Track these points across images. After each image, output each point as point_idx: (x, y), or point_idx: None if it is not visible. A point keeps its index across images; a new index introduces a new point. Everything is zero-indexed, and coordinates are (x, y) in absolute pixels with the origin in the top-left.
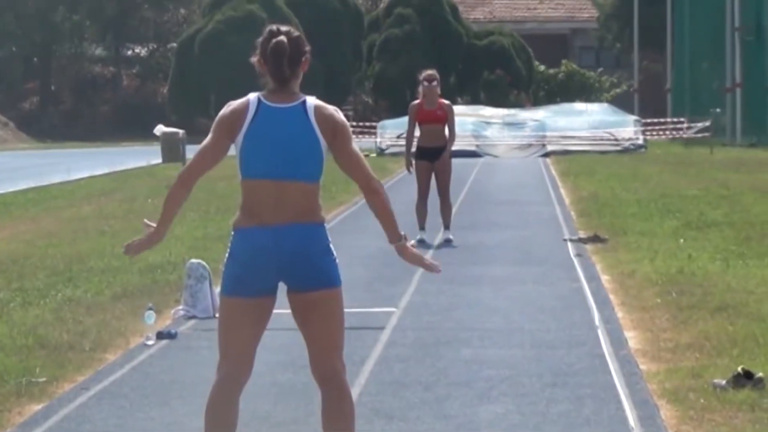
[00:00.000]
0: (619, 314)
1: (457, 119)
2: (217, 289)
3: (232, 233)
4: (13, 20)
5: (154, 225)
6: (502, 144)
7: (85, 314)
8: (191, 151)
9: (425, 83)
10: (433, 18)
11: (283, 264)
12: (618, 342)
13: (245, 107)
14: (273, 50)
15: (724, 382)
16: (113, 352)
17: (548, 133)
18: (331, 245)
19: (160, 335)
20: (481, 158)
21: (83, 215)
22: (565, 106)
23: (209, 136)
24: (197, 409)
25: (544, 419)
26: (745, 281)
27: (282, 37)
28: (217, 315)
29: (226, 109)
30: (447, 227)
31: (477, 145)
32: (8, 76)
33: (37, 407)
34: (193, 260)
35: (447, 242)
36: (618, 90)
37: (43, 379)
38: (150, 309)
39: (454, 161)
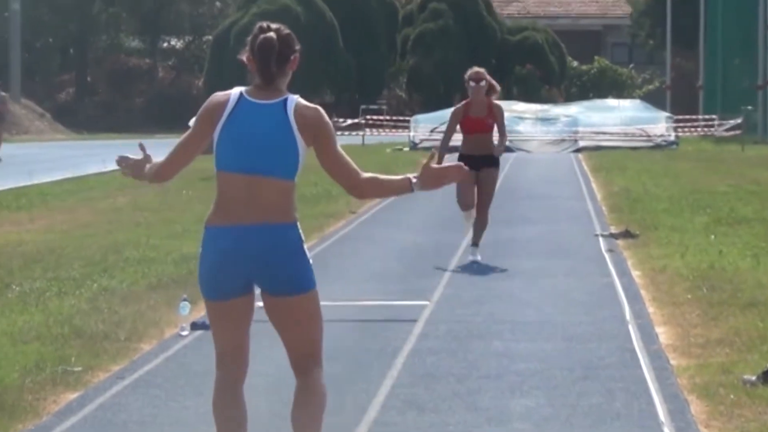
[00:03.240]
0: (650, 309)
1: None
2: None
3: (204, 229)
4: (49, 11)
5: (145, 156)
6: (535, 139)
7: (121, 304)
8: None
9: (472, 83)
10: (467, 13)
11: (253, 266)
12: (649, 337)
13: (226, 100)
14: (261, 46)
15: (754, 377)
16: (148, 342)
17: (580, 129)
18: (304, 246)
19: (194, 326)
20: (513, 153)
21: (118, 206)
22: (598, 102)
23: (192, 127)
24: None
25: (575, 412)
26: None
27: (271, 34)
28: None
29: (208, 101)
30: (476, 244)
31: (510, 141)
32: (44, 67)
33: (72, 396)
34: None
35: (473, 263)
36: (650, 86)
37: (79, 368)
38: (184, 300)
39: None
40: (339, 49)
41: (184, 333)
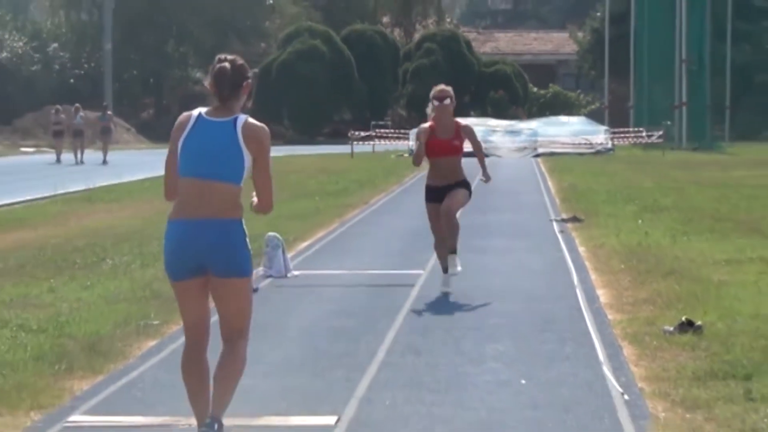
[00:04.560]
0: (592, 276)
1: None
2: (289, 255)
3: (167, 223)
4: (134, 50)
5: None
6: (504, 147)
7: (113, 286)
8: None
9: (435, 102)
10: (452, 51)
11: (203, 252)
12: (591, 297)
13: (188, 119)
14: (217, 73)
15: (672, 328)
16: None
17: (539, 139)
18: (246, 239)
19: None
20: (487, 157)
21: None
22: (552, 119)
23: (169, 145)
24: (275, 344)
25: (536, 355)
26: (688, 252)
27: (225, 64)
28: (288, 275)
29: (176, 122)
30: (453, 250)
31: (485, 148)
32: (130, 93)
33: (152, 343)
34: (270, 233)
35: (451, 277)
36: (592, 106)
37: (157, 321)
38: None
39: (466, 161)
40: (355, 79)
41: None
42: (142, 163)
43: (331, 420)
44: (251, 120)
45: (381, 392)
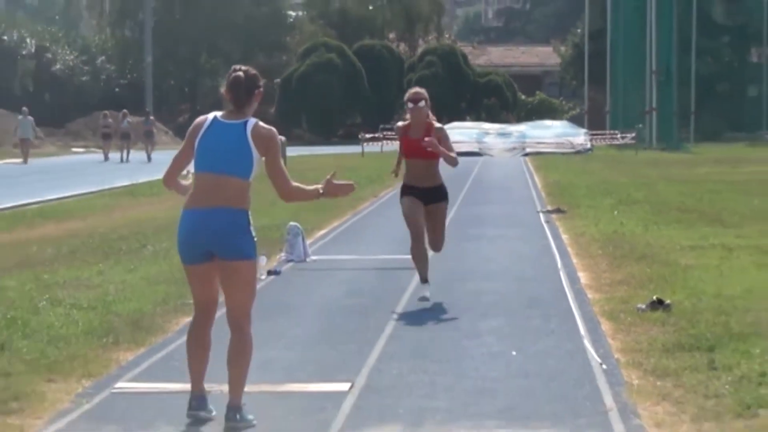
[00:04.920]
0: (574, 261)
1: (466, 131)
2: (308, 242)
3: (181, 212)
4: (172, 62)
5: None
6: (496, 147)
7: (165, 266)
8: (290, 150)
9: (410, 104)
10: (451, 63)
11: (211, 237)
12: (573, 279)
13: (204, 122)
14: (231, 82)
15: (644, 306)
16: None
17: (527, 140)
18: (251, 227)
19: (270, 273)
20: (481, 157)
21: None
22: (538, 123)
23: (183, 143)
24: (295, 321)
25: (524, 330)
26: (658, 239)
27: (240, 73)
28: (307, 260)
29: (193, 123)
30: (425, 280)
31: (479, 148)
32: (168, 100)
33: (187, 319)
34: (291, 223)
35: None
36: (573, 112)
37: (191, 300)
38: (263, 255)
39: (463, 159)
40: (365, 87)
41: (263, 277)
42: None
43: (344, 386)
44: (260, 123)
45: (389, 362)
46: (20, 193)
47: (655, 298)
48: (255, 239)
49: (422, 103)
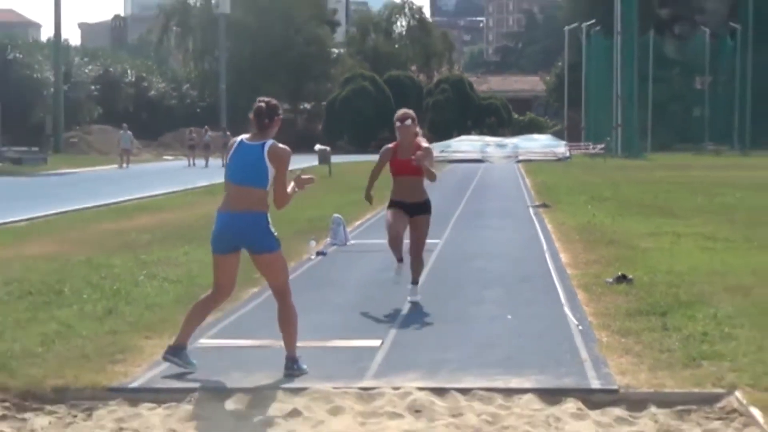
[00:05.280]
0: (557, 245)
1: (471, 143)
2: (348, 230)
3: (216, 213)
4: (240, 89)
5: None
6: (495, 156)
7: (282, 242)
8: (334, 158)
9: (397, 123)
10: (459, 90)
11: (237, 235)
12: (556, 259)
13: (234, 143)
14: (255, 111)
15: (611, 280)
16: (295, 261)
17: (519, 150)
18: (270, 226)
19: (318, 254)
20: (484, 163)
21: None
22: (528, 136)
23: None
24: (338, 292)
25: (518, 299)
26: (623, 228)
27: (262, 104)
28: (347, 244)
29: (228, 143)
30: (415, 281)
31: (482, 156)
32: (239, 119)
33: (254, 290)
34: (335, 214)
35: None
36: (556, 128)
37: (256, 276)
38: (312, 240)
39: (468, 165)
40: (392, 109)
41: (312, 257)
42: None
43: (376, 343)
44: (276, 144)
45: (411, 324)
46: (122, 191)
47: (620, 273)
48: (275, 234)
49: (409, 122)
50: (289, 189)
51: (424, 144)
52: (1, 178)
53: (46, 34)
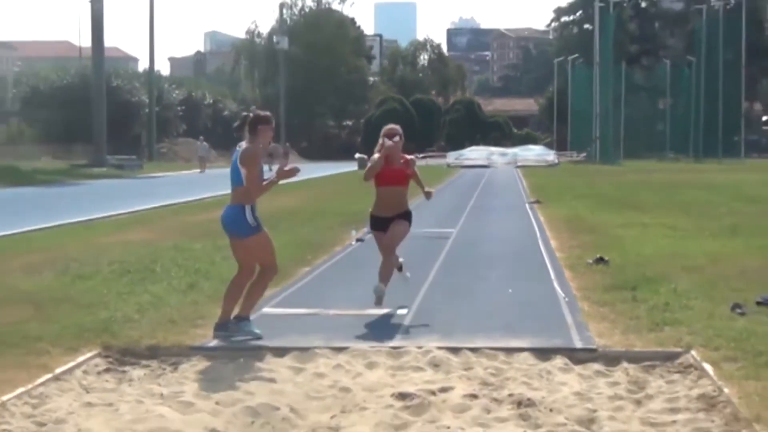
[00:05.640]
0: (548, 233)
1: (480, 152)
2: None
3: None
4: (296, 109)
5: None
6: (499, 162)
7: (328, 232)
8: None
9: (386, 139)
10: (470, 110)
11: (223, 225)
12: (546, 244)
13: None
14: (240, 120)
15: (591, 261)
16: (341, 246)
17: (518, 158)
18: (244, 216)
19: (358, 240)
20: (489, 168)
21: (327, 191)
22: (525, 147)
23: None
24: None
25: (516, 275)
26: (600, 219)
27: (249, 114)
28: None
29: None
30: (399, 268)
31: (488, 162)
32: (295, 134)
33: (305, 269)
34: (370, 208)
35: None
36: (547, 140)
37: (310, 257)
38: (353, 230)
39: (477, 170)
40: (417, 126)
41: (353, 243)
42: (303, 172)
43: (404, 311)
44: (246, 147)
45: (431, 296)
46: (201, 191)
47: (598, 256)
48: (251, 224)
49: (397, 138)
50: (269, 182)
51: (409, 156)
52: (107, 181)
53: (143, 65)
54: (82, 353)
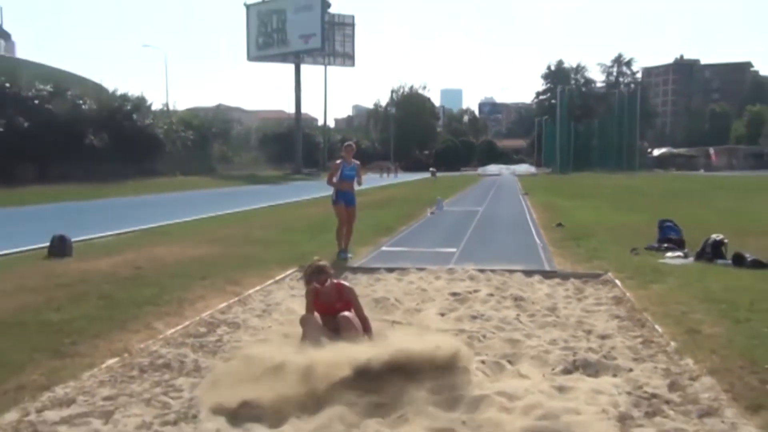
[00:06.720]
0: (534, 215)
1: (495, 168)
2: (444, 202)
3: None
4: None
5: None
6: (505, 173)
7: (416, 208)
8: (438, 174)
9: (345, 145)
10: (490, 146)
11: (351, 198)
12: (531, 217)
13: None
14: (346, 146)
15: (555, 225)
16: (422, 217)
17: (516, 171)
18: (333, 196)
19: (430, 213)
20: (500, 176)
21: (415, 188)
22: (519, 165)
23: None
24: (434, 230)
25: (513, 235)
26: (562, 204)
27: (351, 143)
28: (443, 210)
29: None
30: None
31: (499, 173)
32: (400, 155)
33: (404, 227)
34: (438, 197)
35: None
36: (531, 161)
37: (402, 226)
38: (428, 208)
39: (491, 177)
40: (461, 154)
41: (429, 214)
42: (402, 177)
43: (454, 249)
44: (337, 160)
45: (469, 242)
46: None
47: (558, 222)
48: (333, 198)
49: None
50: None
51: (346, 285)
52: (301, 182)
53: (320, 122)
54: (289, 269)
